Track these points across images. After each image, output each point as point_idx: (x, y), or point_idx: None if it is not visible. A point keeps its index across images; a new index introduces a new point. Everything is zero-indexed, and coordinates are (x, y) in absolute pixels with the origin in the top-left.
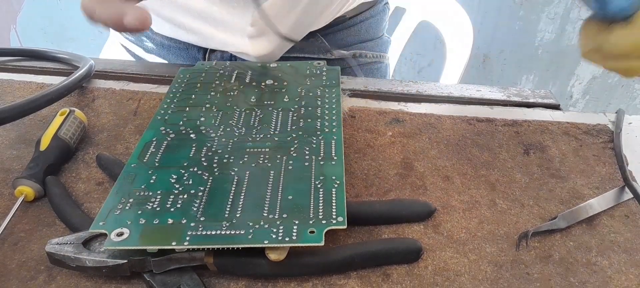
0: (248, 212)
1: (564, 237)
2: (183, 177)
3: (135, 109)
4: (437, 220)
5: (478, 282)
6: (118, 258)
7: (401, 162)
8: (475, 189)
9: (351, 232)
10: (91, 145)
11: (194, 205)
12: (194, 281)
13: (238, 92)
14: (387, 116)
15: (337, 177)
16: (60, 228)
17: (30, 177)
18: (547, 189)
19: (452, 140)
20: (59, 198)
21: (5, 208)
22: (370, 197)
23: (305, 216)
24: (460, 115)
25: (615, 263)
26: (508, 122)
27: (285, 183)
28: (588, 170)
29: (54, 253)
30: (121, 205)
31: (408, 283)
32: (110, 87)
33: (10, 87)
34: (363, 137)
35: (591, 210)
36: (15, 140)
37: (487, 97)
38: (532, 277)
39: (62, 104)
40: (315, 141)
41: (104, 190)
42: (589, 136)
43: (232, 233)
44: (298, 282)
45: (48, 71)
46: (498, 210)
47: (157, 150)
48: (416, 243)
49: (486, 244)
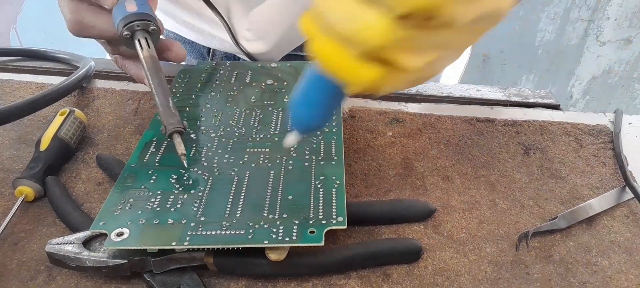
0: (248, 212)
1: (564, 237)
2: (183, 177)
3: (135, 109)
4: (437, 220)
5: (478, 282)
6: (118, 258)
7: (401, 162)
8: (475, 189)
9: (351, 232)
10: (91, 145)
11: (194, 205)
12: (194, 281)
13: (238, 92)
14: (387, 116)
15: (337, 177)
16: (60, 228)
17: (30, 177)
18: (547, 189)
19: (452, 140)
20: (59, 198)
21: (5, 208)
22: (370, 197)
23: (305, 216)
24: (460, 115)
25: (615, 263)
26: (508, 122)
27: (285, 183)
28: (588, 170)
29: (54, 253)
30: (121, 205)
31: (408, 283)
32: (110, 87)
33: (10, 87)
34: (363, 137)
35: (591, 210)
36: (15, 140)
37: (487, 97)
38: (532, 277)
39: (62, 104)
40: (315, 141)
41: (104, 190)
42: (589, 136)
43: (232, 233)
44: (298, 282)
45: (48, 71)
46: (498, 210)
47: (157, 150)
48: (416, 243)
49: (486, 244)
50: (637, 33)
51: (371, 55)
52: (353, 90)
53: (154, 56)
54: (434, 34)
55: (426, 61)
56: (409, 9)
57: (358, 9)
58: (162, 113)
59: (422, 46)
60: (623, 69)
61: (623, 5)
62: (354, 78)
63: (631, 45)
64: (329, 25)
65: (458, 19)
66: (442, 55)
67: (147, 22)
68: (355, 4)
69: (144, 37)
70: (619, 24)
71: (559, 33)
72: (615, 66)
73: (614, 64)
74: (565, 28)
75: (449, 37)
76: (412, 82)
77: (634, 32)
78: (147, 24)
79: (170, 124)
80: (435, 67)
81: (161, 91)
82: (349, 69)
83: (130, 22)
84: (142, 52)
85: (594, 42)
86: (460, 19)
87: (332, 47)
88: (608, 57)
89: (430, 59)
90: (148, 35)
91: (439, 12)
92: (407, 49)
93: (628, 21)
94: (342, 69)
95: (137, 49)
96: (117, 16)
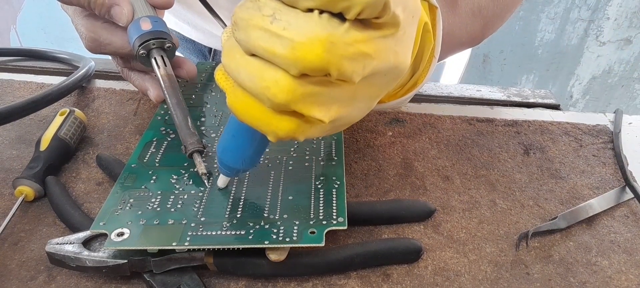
0: (248, 212)
1: (564, 237)
2: (183, 177)
3: (135, 109)
4: (437, 220)
5: (478, 282)
6: (118, 258)
7: (401, 162)
8: (475, 189)
9: (351, 232)
10: (91, 145)
11: (195, 206)
12: (194, 281)
13: None
14: (387, 116)
15: (337, 178)
16: (60, 228)
17: (30, 177)
18: (547, 189)
19: (452, 140)
20: (59, 198)
21: (5, 208)
22: (370, 197)
23: (305, 216)
24: (460, 115)
25: (615, 263)
26: (508, 122)
27: (285, 183)
28: (588, 170)
29: (54, 253)
30: (121, 206)
31: (408, 283)
32: (110, 87)
33: (10, 87)
34: (363, 137)
35: (591, 210)
36: (15, 140)
37: (487, 97)
38: (532, 277)
39: (62, 104)
40: (316, 141)
41: (104, 190)
42: (589, 136)
43: (233, 234)
44: (298, 282)
45: (48, 71)
46: (498, 210)
47: (158, 150)
48: (416, 244)
49: (486, 244)
50: (637, 33)
51: (281, 108)
52: (273, 139)
53: (171, 74)
54: (338, 89)
55: (337, 113)
56: (302, 70)
57: (262, 70)
58: (181, 132)
59: (329, 100)
60: (623, 69)
61: (623, 5)
62: (270, 128)
63: (631, 45)
64: (240, 83)
65: (352, 76)
66: (352, 106)
67: (163, 40)
68: (259, 64)
69: (159, 55)
70: (619, 24)
71: (559, 33)
72: (615, 66)
73: (613, 64)
74: (565, 28)
75: (353, 91)
76: (330, 130)
77: (634, 32)
78: (163, 41)
79: (190, 143)
80: (350, 117)
81: (180, 110)
82: (264, 120)
83: (146, 40)
84: (159, 70)
85: (594, 42)
86: (354, 77)
87: (247, 101)
88: (608, 57)
89: (340, 112)
90: (164, 53)
91: (331, 69)
92: (315, 102)
93: (628, 21)
94: (258, 121)
95: (154, 68)
96: (133, 34)
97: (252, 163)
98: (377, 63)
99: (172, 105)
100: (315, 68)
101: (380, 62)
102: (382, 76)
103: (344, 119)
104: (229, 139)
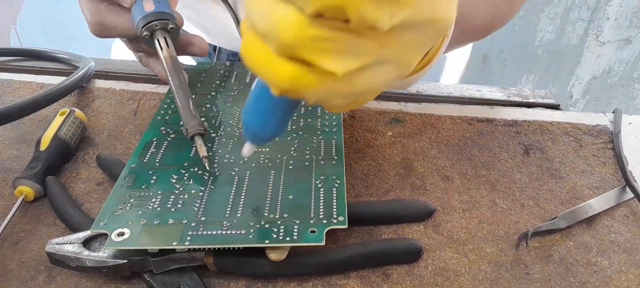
0: (249, 211)
1: (564, 237)
2: (183, 177)
3: (135, 109)
4: (437, 220)
5: (478, 282)
6: (118, 258)
7: (401, 162)
8: (475, 189)
9: (351, 232)
10: (91, 145)
11: (195, 205)
12: (194, 281)
13: (238, 92)
14: (387, 116)
15: (337, 177)
16: (60, 228)
17: (30, 177)
18: (547, 189)
19: (452, 140)
20: (59, 198)
21: (5, 208)
22: (370, 197)
23: (306, 216)
24: (460, 115)
25: (615, 263)
26: (508, 122)
27: (285, 183)
28: (588, 170)
29: (54, 253)
30: (122, 205)
31: (408, 283)
32: (110, 87)
33: (10, 87)
34: (363, 137)
35: (591, 210)
36: (15, 140)
37: (487, 97)
38: (532, 277)
39: (62, 104)
40: (316, 141)
41: (104, 190)
42: (589, 136)
43: (233, 233)
44: (298, 281)
45: (48, 71)
46: (498, 210)
47: (158, 150)
48: (416, 244)
49: (486, 244)
50: (637, 33)
51: (287, 52)
52: (275, 89)
53: (174, 56)
54: (357, 39)
55: (351, 67)
56: (318, 8)
57: (275, 5)
58: (183, 115)
59: (344, 50)
60: (623, 68)
61: (623, 5)
62: (270, 74)
63: (631, 45)
64: (252, 22)
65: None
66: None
67: (166, 21)
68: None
69: (162, 37)
70: (619, 24)
71: (559, 33)
72: (615, 66)
73: (613, 63)
74: (565, 28)
75: (377, 45)
76: (346, 94)
77: (634, 32)
78: (166, 22)
79: (192, 126)
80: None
81: (182, 93)
82: (265, 64)
83: (149, 22)
84: (162, 52)
85: (594, 42)
86: (379, 23)
87: (254, 43)
88: (608, 57)
89: (355, 66)
90: (167, 34)
91: (351, 12)
92: (327, 50)
93: (628, 21)
94: (259, 65)
95: (157, 49)
96: (136, 16)
97: (276, 130)
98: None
99: (174, 87)
100: (332, 5)
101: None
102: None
103: (363, 81)
104: (252, 103)
